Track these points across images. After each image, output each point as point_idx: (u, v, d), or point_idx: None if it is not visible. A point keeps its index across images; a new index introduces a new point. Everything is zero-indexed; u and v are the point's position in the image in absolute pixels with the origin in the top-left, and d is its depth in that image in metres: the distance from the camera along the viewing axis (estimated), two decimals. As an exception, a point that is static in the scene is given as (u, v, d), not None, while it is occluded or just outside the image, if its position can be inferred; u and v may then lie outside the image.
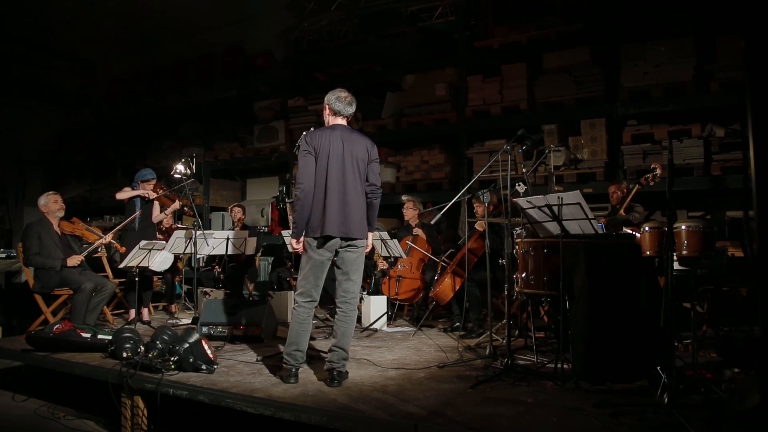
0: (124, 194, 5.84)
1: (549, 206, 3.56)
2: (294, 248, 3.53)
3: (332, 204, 3.36)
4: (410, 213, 6.07)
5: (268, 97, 9.26)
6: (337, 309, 3.46)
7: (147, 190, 5.82)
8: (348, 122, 3.60)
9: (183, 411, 3.55)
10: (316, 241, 3.37)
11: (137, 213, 5.65)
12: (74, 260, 5.06)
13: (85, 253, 5.32)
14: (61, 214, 5.33)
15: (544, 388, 3.21)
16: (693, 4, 6.05)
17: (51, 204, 5.26)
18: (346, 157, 3.41)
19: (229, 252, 6.02)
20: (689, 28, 6.20)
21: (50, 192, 5.39)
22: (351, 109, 3.55)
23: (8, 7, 9.44)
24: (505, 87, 7.16)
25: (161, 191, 5.95)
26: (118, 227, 5.70)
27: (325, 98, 3.58)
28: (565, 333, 3.51)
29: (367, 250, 3.61)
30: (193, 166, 5.99)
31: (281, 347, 4.35)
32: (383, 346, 4.53)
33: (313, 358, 3.96)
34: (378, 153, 3.53)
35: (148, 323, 5.65)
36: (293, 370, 3.35)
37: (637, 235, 4.31)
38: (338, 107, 3.51)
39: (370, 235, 3.58)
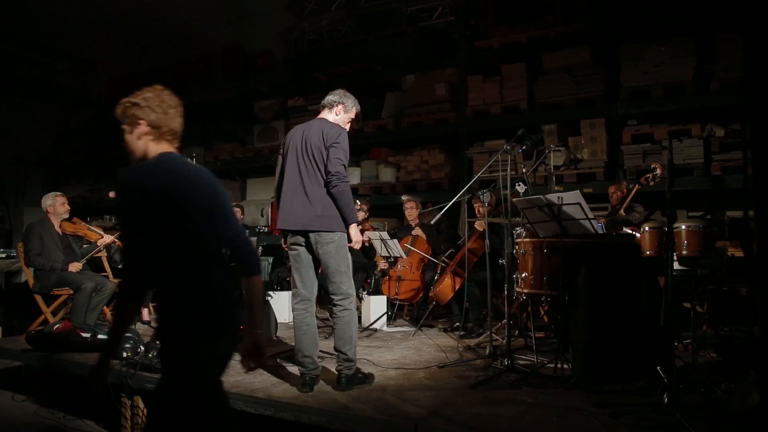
0: None
1: (549, 206, 3.56)
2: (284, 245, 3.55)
3: (287, 197, 3.35)
4: (410, 213, 6.07)
5: (268, 97, 9.26)
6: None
7: None
8: (333, 111, 3.52)
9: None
10: (284, 236, 3.41)
11: None
12: (75, 267, 5.07)
13: (87, 257, 5.33)
14: (67, 216, 5.34)
15: (544, 388, 3.21)
16: (693, 4, 6.04)
17: (58, 206, 5.26)
18: (303, 148, 3.33)
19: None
20: (689, 28, 6.20)
21: (57, 193, 5.38)
22: (329, 98, 3.51)
23: (8, 7, 9.43)
24: (505, 87, 7.15)
25: None
26: (118, 233, 5.69)
27: None
28: (565, 333, 3.51)
29: (354, 245, 3.35)
30: (193, 166, 5.98)
31: (281, 347, 4.36)
32: (383, 346, 4.53)
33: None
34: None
35: (148, 323, 5.65)
36: (306, 378, 3.23)
37: (637, 235, 4.31)
38: (323, 101, 3.53)
39: (352, 228, 3.30)
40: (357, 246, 3.38)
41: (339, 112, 3.50)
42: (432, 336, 4.98)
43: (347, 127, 3.51)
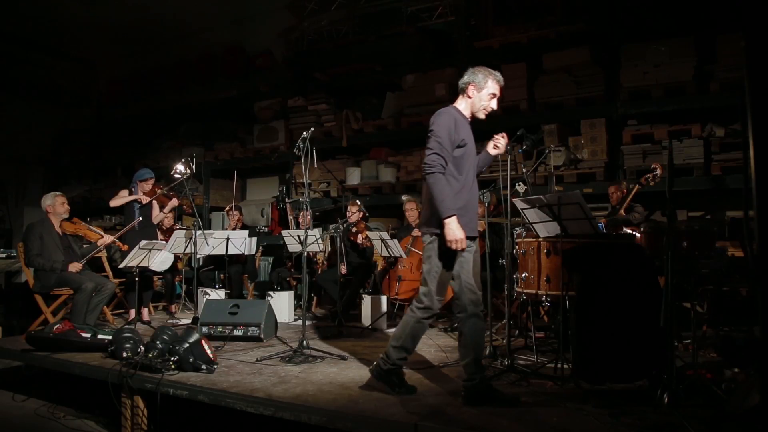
0: (118, 201, 5.84)
1: (549, 206, 3.56)
2: None
3: None
4: (410, 215, 6.07)
5: (268, 97, 9.26)
6: None
7: (142, 192, 5.83)
8: (466, 94, 3.23)
9: (183, 411, 3.56)
10: None
11: (137, 220, 5.65)
12: (75, 267, 5.07)
13: (87, 257, 5.33)
14: (66, 215, 5.34)
15: (544, 388, 3.21)
16: (693, 4, 6.05)
17: (58, 206, 5.26)
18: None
19: (229, 252, 6.03)
20: (689, 28, 6.20)
21: (57, 193, 5.38)
22: (460, 81, 3.22)
23: (9, 7, 9.43)
24: (505, 87, 7.06)
25: (159, 190, 5.96)
26: (119, 233, 5.70)
27: None
28: (565, 333, 3.51)
29: (452, 244, 2.90)
30: (193, 166, 6.00)
31: (281, 347, 4.36)
32: (383, 346, 4.51)
33: (316, 358, 3.96)
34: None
35: (148, 323, 5.65)
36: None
37: (637, 235, 4.31)
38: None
39: (447, 223, 2.88)
40: (454, 246, 2.90)
41: (472, 94, 3.15)
42: (432, 336, 4.97)
43: (492, 104, 3.19)
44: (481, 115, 3.18)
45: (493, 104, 3.19)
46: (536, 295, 3.99)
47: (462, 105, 3.21)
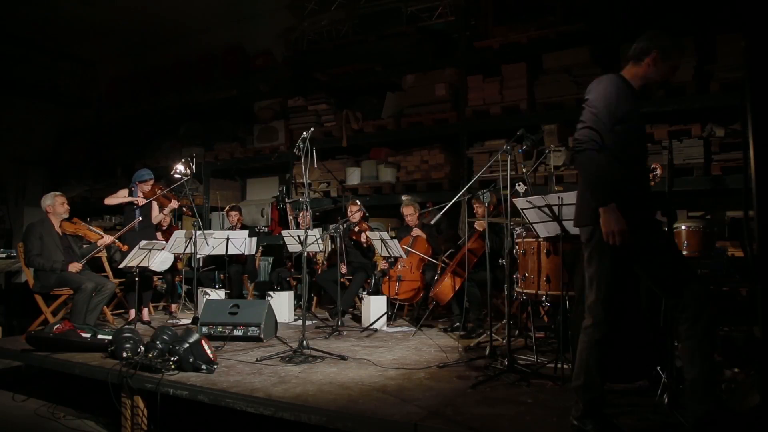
0: (114, 200, 5.84)
1: (549, 206, 3.56)
2: None
3: None
4: (410, 219, 6.07)
5: (268, 97, 9.26)
6: None
7: (141, 193, 5.84)
8: (643, 63, 2.65)
9: (183, 411, 3.56)
10: None
11: (137, 219, 5.66)
12: (75, 267, 5.07)
13: (87, 257, 5.33)
14: (66, 215, 5.35)
15: (544, 388, 3.21)
16: (693, 4, 6.05)
17: (58, 206, 5.27)
18: None
19: (229, 252, 6.03)
20: (689, 28, 6.20)
21: (57, 193, 5.38)
22: (635, 46, 2.62)
23: (9, 7, 9.43)
24: (505, 87, 7.15)
25: (159, 191, 5.96)
26: (119, 233, 5.70)
27: None
28: (565, 333, 3.51)
29: (608, 237, 2.36)
30: (193, 166, 6.00)
31: (281, 347, 4.36)
32: (383, 346, 4.53)
33: (317, 358, 3.96)
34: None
35: (148, 323, 5.65)
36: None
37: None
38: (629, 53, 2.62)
39: (603, 212, 2.35)
40: (610, 240, 2.35)
41: (653, 62, 2.56)
42: (432, 336, 4.98)
43: (668, 78, 2.63)
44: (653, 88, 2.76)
45: (669, 78, 2.65)
46: (536, 295, 3.99)
47: (632, 74, 2.65)
